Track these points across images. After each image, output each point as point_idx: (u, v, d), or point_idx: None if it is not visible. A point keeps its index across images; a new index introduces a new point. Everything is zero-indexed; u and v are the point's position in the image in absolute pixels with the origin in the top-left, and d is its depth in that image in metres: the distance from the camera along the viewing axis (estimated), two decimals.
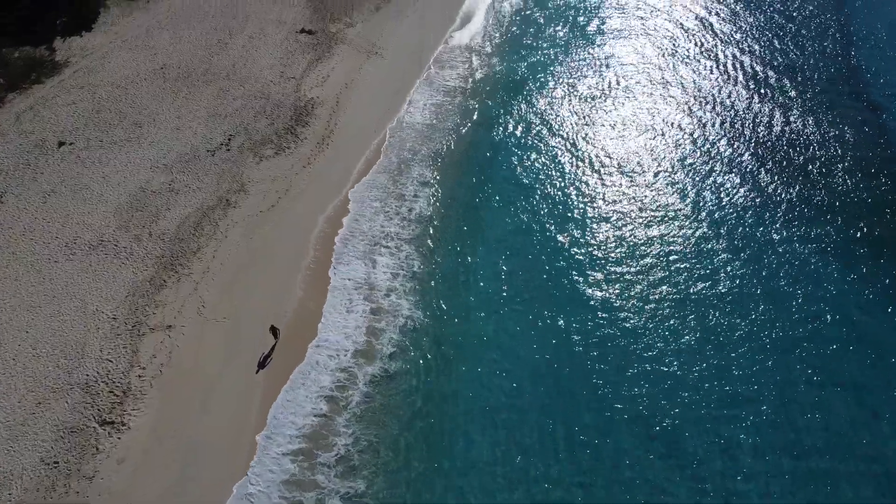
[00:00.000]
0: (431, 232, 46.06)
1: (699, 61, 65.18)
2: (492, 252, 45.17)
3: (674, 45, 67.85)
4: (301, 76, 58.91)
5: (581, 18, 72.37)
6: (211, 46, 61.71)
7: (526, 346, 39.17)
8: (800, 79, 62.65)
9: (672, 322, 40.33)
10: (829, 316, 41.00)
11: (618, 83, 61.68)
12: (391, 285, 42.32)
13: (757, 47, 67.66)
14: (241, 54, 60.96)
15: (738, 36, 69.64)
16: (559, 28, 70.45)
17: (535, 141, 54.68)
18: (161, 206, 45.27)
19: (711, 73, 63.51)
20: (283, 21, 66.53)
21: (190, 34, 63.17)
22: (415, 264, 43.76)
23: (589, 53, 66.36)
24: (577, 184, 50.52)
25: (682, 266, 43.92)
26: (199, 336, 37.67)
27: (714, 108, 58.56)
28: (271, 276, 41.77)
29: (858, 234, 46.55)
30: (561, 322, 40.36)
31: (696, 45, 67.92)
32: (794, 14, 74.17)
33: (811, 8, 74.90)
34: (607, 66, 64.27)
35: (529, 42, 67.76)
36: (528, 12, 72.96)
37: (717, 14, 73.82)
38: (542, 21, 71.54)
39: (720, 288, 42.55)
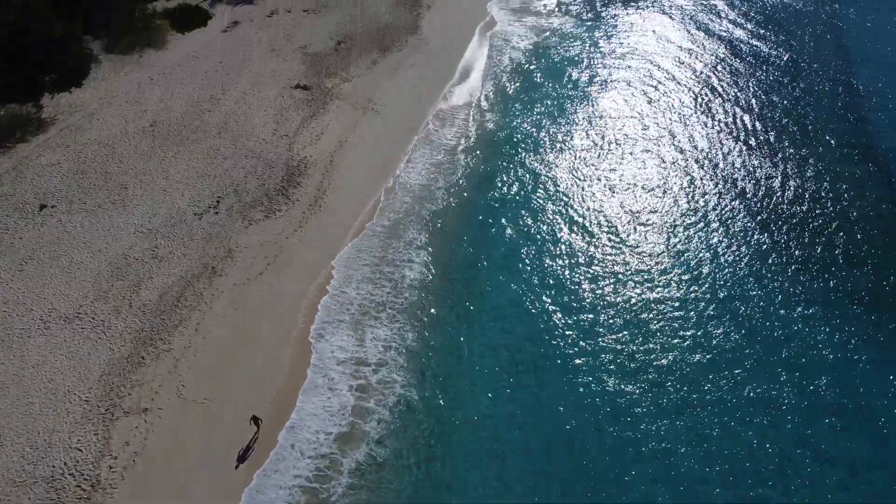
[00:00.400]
0: (426, 300, 43.86)
1: (703, 120, 63.68)
2: (491, 323, 42.81)
3: (676, 101, 66.43)
4: (294, 134, 57.36)
5: (583, 73, 71.11)
6: (203, 103, 60.37)
7: (528, 430, 36.55)
8: (809, 138, 60.97)
9: (684, 405, 37.79)
10: (852, 402, 38.44)
11: (618, 142, 60.00)
12: (382, 359, 39.96)
13: (766, 110, 66.27)
14: (234, 111, 59.58)
15: (743, 94, 68.29)
16: (560, 83, 69.13)
17: (535, 203, 52.74)
18: (143, 275, 43.21)
19: (717, 133, 61.97)
20: (277, 76, 65.35)
21: (182, 90, 61.92)
22: (408, 336, 41.44)
23: (590, 110, 64.88)
24: (578, 250, 48.41)
25: (693, 343, 41.50)
26: (177, 420, 35.26)
27: (721, 170, 56.76)
28: (257, 350, 39.48)
29: (884, 305, 44.33)
30: (566, 405, 37.76)
31: (699, 102, 66.56)
32: (797, 67, 73.01)
33: (816, 64, 73.71)
34: (607, 124, 62.66)
35: (528, 97, 66.33)
36: (526, 66, 71.76)
37: (720, 71, 72.67)
38: (540, 75, 70.27)
39: (738, 368, 39.90)
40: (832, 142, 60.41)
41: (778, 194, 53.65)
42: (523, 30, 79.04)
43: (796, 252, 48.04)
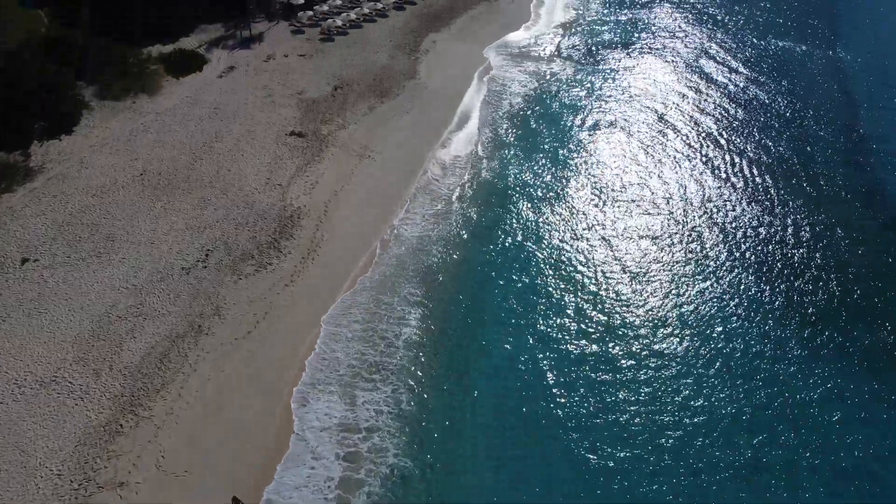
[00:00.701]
0: (422, 360, 41.70)
1: (707, 170, 62.37)
2: (493, 385, 40.54)
3: (679, 151, 65.14)
4: (288, 183, 55.76)
5: (585, 121, 69.92)
6: (196, 150, 58.90)
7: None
8: (816, 187, 59.54)
9: (699, 475, 35.56)
10: (876, 469, 36.29)
11: (622, 192, 58.43)
12: (374, 424, 37.60)
13: (771, 158, 65.03)
14: (227, 159, 58.07)
15: (748, 143, 67.07)
16: (561, 131, 67.90)
17: (538, 257, 50.85)
18: (126, 335, 41.14)
19: (723, 183, 60.67)
20: (272, 122, 64.03)
21: (174, 137, 60.51)
22: (402, 399, 39.19)
23: (592, 160, 63.42)
24: (584, 307, 46.45)
25: (706, 407, 39.36)
26: (155, 495, 32.87)
27: (729, 223, 55.07)
28: (243, 416, 37.25)
29: None
30: (574, 477, 35.34)
31: (703, 152, 65.33)
32: (800, 114, 72.00)
33: (822, 110, 72.71)
34: (610, 175, 61.12)
35: (528, 145, 64.86)
36: (526, 112, 70.57)
37: (723, 118, 71.67)
38: (540, 121, 69.03)
39: (753, 434, 37.72)
40: (840, 191, 59.10)
41: (788, 246, 51.97)
42: (522, 76, 78.07)
43: (810, 309, 46.15)
